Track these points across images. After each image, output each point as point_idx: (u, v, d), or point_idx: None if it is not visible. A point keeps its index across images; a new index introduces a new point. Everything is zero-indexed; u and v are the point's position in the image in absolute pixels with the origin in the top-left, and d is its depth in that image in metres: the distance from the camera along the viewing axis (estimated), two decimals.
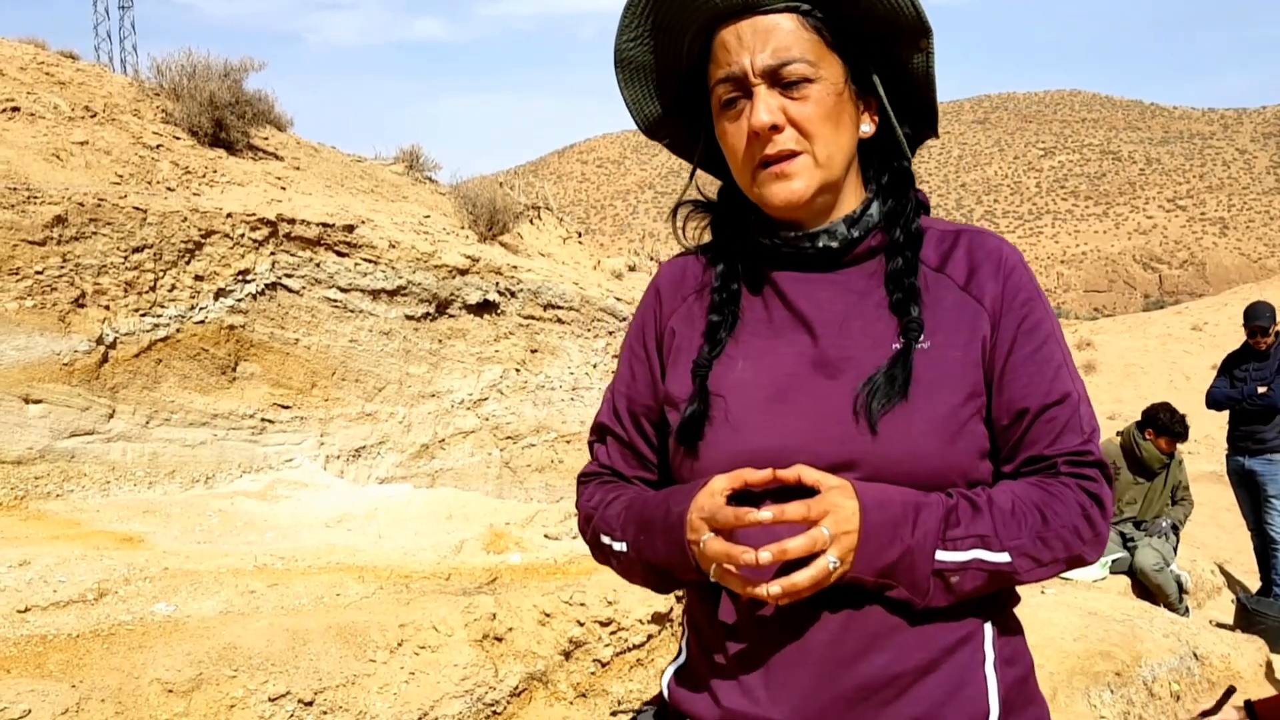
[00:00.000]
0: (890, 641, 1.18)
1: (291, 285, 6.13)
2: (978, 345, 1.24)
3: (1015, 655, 1.27)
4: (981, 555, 1.16)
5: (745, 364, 1.28)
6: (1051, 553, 1.19)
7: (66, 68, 6.97)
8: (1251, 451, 7.20)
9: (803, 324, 1.28)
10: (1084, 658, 4.66)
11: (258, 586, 3.63)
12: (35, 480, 4.76)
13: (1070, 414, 1.24)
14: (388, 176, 9.16)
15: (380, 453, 6.41)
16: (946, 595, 1.17)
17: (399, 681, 3.22)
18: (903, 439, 1.18)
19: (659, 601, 3.89)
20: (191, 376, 5.52)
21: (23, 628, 3.15)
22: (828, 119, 1.23)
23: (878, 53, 1.27)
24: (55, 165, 5.54)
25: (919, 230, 1.29)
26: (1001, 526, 1.17)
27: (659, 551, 1.26)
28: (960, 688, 1.20)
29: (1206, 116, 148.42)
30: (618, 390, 1.44)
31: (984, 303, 1.26)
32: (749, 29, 1.21)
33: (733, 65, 1.21)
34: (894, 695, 1.18)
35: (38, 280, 4.95)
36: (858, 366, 1.22)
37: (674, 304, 1.40)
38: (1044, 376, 1.24)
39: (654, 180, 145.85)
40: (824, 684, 1.18)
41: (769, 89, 1.21)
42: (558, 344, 7.68)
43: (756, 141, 1.22)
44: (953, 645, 1.21)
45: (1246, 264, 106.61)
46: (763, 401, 1.25)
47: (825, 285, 1.29)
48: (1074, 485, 1.22)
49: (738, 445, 1.23)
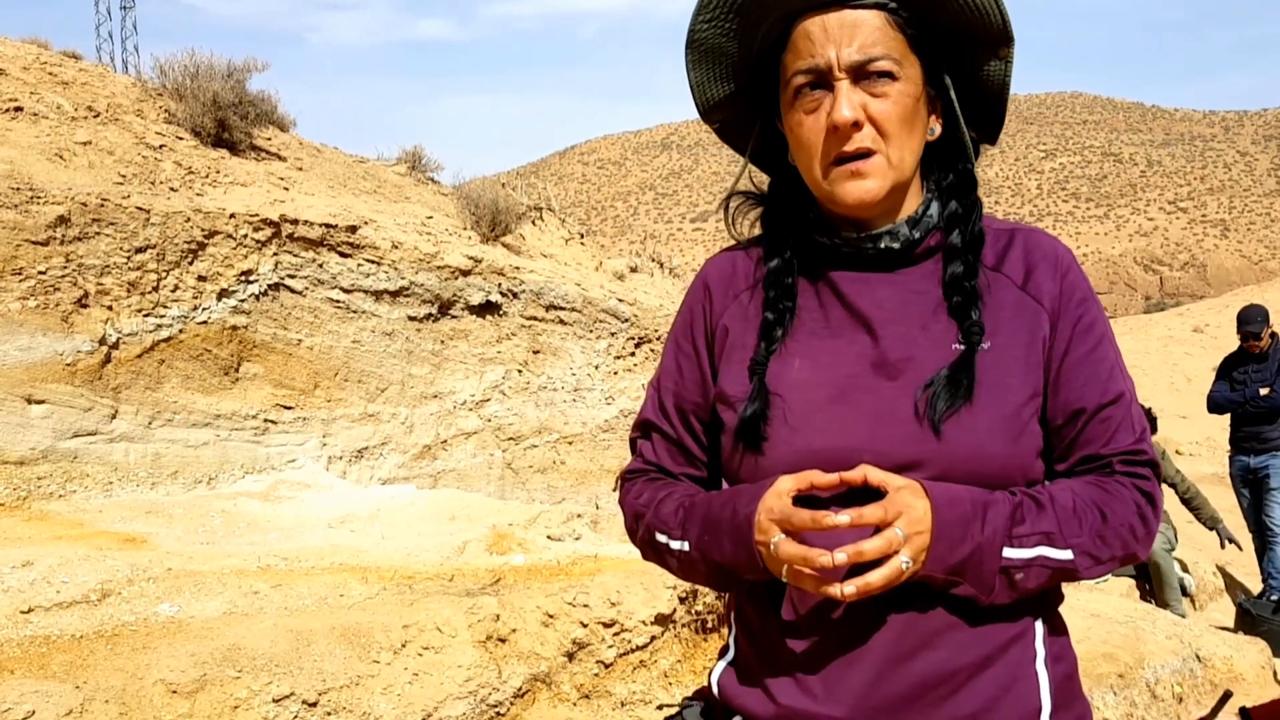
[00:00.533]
0: (947, 639, 1.20)
1: (294, 286, 6.13)
2: (1039, 345, 1.25)
3: (1063, 653, 1.29)
4: (1046, 552, 1.17)
5: (803, 363, 1.28)
6: (1110, 550, 1.21)
7: (69, 68, 6.98)
8: (1256, 451, 7.22)
9: (862, 324, 1.27)
10: (1087, 659, 4.65)
11: (261, 587, 3.63)
12: (38, 481, 4.76)
13: (1124, 414, 1.25)
14: (390, 177, 9.16)
15: (383, 453, 6.41)
16: (1010, 592, 1.18)
17: (403, 682, 3.22)
18: (968, 439, 1.19)
19: (662, 603, 3.89)
20: (194, 377, 5.52)
21: (26, 628, 3.15)
22: (905, 120, 1.22)
23: (954, 56, 1.27)
24: (58, 165, 5.54)
25: (981, 234, 1.29)
26: (1065, 524, 1.19)
27: (725, 552, 1.25)
28: (1013, 684, 1.22)
29: (1208, 118, 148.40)
30: (664, 386, 1.43)
31: (1043, 303, 1.26)
32: (836, 21, 1.19)
33: (816, 57, 1.20)
34: (950, 692, 1.19)
35: (41, 280, 4.95)
36: (919, 367, 1.23)
37: (725, 301, 1.39)
38: (1099, 376, 1.25)
39: (655, 182, 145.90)
40: (881, 681, 1.19)
41: (852, 85, 1.20)
42: (560, 345, 7.68)
43: (834, 137, 1.20)
44: (1007, 643, 1.22)
45: (1247, 266, 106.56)
46: (823, 402, 1.25)
47: (884, 285, 1.28)
48: (1129, 484, 1.23)
49: (800, 445, 1.23)
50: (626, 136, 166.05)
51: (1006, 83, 1.30)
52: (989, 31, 1.24)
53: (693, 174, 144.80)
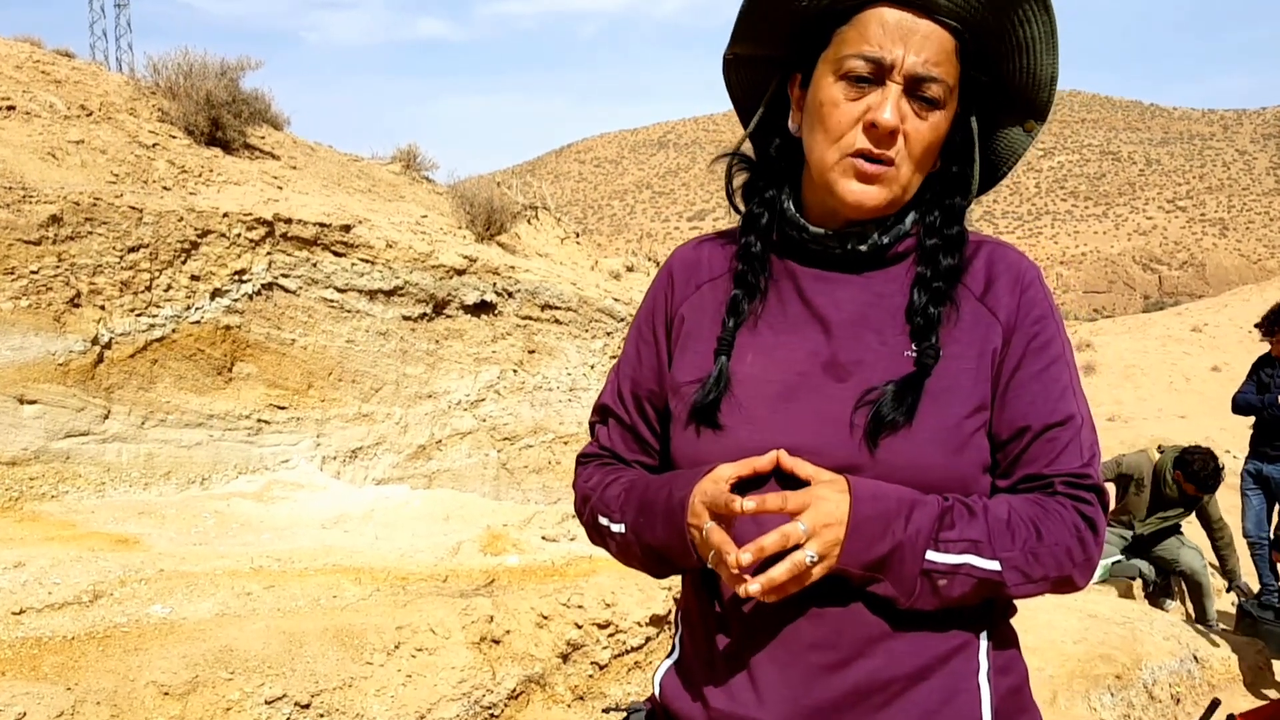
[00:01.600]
0: (882, 647, 1.18)
1: (288, 285, 6.11)
2: (989, 358, 1.23)
3: (1009, 665, 1.26)
4: (972, 561, 1.15)
5: (755, 358, 1.27)
6: (1042, 569, 1.17)
7: (62, 66, 6.95)
8: (1270, 459, 7.07)
9: (819, 322, 1.26)
10: (1084, 660, 4.64)
11: (254, 588, 3.61)
12: (30, 481, 4.74)
13: (1072, 436, 1.22)
14: (385, 176, 9.14)
15: (377, 454, 6.38)
16: (933, 598, 1.15)
17: (396, 684, 3.20)
18: (907, 448, 1.17)
19: (657, 604, 3.87)
20: (187, 377, 5.50)
21: (17, 630, 3.13)
22: (931, 149, 1.21)
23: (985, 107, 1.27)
24: (51, 164, 5.51)
25: (957, 268, 1.26)
26: (995, 535, 1.16)
27: (658, 534, 1.25)
28: (953, 696, 1.19)
29: (1206, 117, 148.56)
30: (623, 372, 1.43)
31: (998, 315, 1.24)
32: (911, 23, 1.17)
33: (882, 49, 1.16)
34: (885, 701, 1.17)
35: (33, 280, 4.93)
36: (868, 370, 1.21)
37: (686, 290, 1.38)
38: (1049, 396, 1.22)
39: (651, 180, 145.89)
40: (814, 687, 1.18)
41: (902, 93, 1.17)
42: (555, 345, 7.66)
43: (867, 133, 1.18)
44: (946, 654, 1.20)
45: (1246, 265, 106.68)
46: (771, 398, 1.24)
47: (846, 286, 1.27)
48: (1070, 506, 1.20)
49: (744, 438, 1.22)
50: (623, 135, 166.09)
51: (1018, 155, 1.31)
52: (1032, 101, 1.25)
53: (689, 172, 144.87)
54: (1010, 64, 1.22)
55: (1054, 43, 1.20)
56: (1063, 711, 4.32)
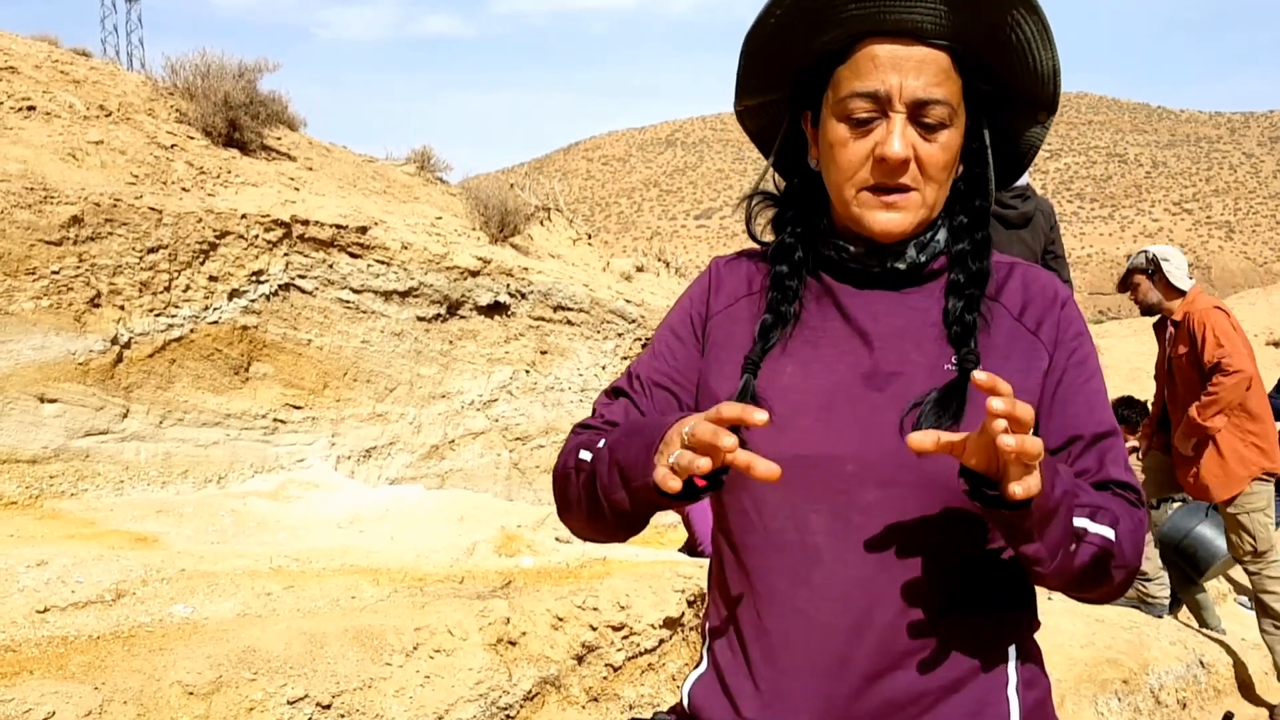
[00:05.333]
0: (917, 658, 1.18)
1: (305, 286, 6.16)
2: (1035, 375, 1.25)
3: (1035, 679, 1.28)
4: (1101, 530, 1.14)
5: (795, 370, 1.28)
6: (1133, 550, 1.18)
7: (80, 66, 7.00)
8: None
9: (859, 336, 1.28)
10: (1091, 665, 4.67)
11: (274, 589, 3.65)
12: (50, 479, 4.79)
13: (1116, 449, 1.25)
14: (399, 177, 9.19)
15: (391, 453, 6.44)
16: (1066, 560, 1.11)
17: (414, 685, 3.24)
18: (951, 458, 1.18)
19: (670, 606, 3.91)
20: (205, 376, 5.55)
21: (43, 628, 3.17)
22: (948, 167, 1.23)
23: (995, 109, 1.29)
24: (71, 165, 5.57)
25: (986, 271, 1.29)
26: (1103, 506, 1.16)
27: (631, 451, 1.15)
28: (983, 709, 1.21)
29: (1213, 120, 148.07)
30: (644, 364, 1.40)
31: (1040, 336, 1.27)
32: (905, 52, 1.19)
33: (879, 83, 1.18)
34: (917, 713, 1.18)
35: (54, 280, 4.98)
36: (908, 381, 1.23)
37: (723, 302, 1.39)
38: (1095, 407, 1.26)
39: (659, 179, 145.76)
40: (848, 697, 1.18)
41: (906, 120, 1.19)
42: (567, 345, 7.70)
43: (878, 167, 1.20)
44: (978, 667, 1.21)
45: (1252, 268, 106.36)
46: (811, 408, 1.24)
47: (885, 302, 1.29)
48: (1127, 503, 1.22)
49: (785, 447, 1.19)
50: (631, 133, 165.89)
51: (1036, 146, 1.33)
52: (1038, 97, 1.27)
53: (697, 171, 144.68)
54: (1010, 68, 1.24)
55: (1049, 39, 1.21)
56: (1071, 716, 4.35)
